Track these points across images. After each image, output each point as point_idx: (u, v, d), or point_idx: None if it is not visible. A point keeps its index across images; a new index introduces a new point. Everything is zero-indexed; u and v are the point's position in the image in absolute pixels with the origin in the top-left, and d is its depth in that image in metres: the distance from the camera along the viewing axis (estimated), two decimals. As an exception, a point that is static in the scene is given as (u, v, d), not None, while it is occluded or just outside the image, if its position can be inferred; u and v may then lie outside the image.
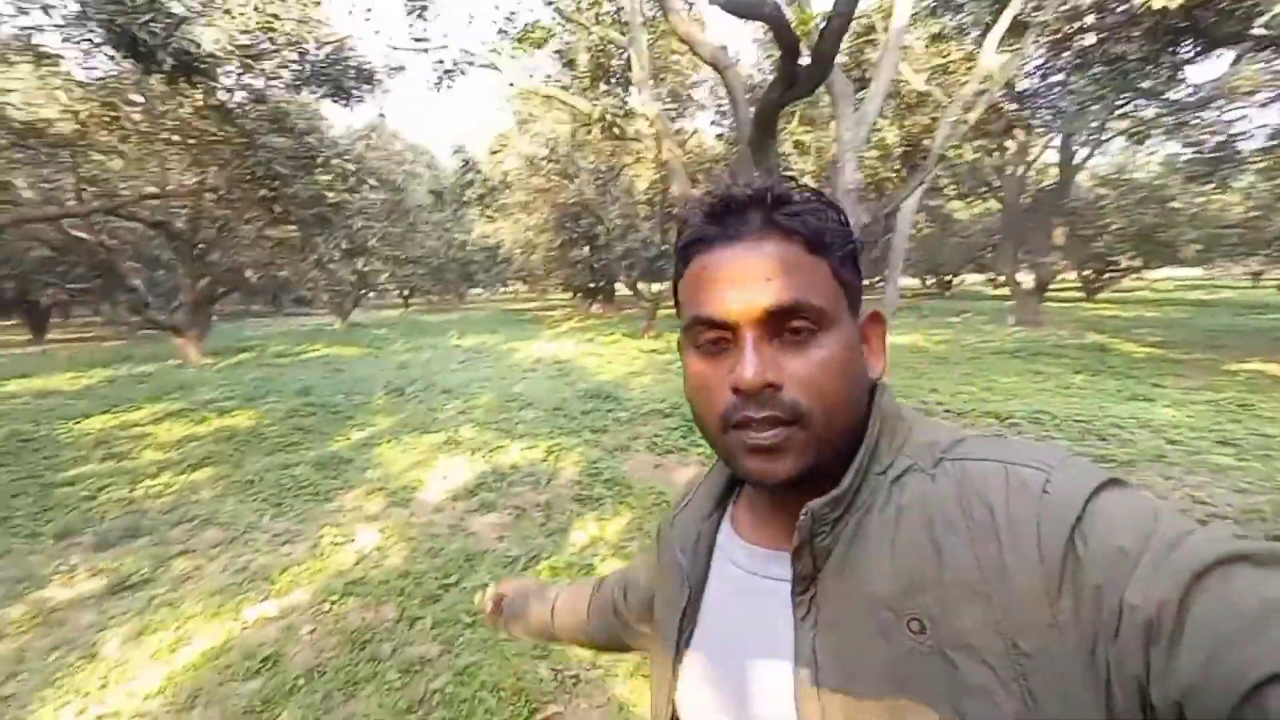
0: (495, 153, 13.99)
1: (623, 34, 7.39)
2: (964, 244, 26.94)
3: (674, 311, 0.62)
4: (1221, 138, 12.31)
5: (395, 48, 7.02)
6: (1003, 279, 18.88)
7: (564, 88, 8.82)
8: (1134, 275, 23.39)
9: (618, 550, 3.90)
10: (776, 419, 0.52)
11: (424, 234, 18.76)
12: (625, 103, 6.94)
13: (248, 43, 6.02)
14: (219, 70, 6.00)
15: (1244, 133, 12.30)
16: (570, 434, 6.31)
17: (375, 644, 3.06)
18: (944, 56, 9.36)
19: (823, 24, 3.71)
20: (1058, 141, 15.17)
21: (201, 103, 6.74)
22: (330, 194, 7.65)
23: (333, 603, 3.38)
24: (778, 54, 4.20)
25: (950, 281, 33.02)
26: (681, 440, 6.00)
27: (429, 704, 2.66)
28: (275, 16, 5.82)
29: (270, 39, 6.27)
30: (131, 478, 5.26)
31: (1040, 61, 11.89)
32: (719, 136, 13.49)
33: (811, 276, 0.53)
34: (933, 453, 0.54)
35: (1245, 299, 23.99)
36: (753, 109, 4.93)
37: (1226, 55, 10.51)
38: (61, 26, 8.52)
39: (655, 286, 14.65)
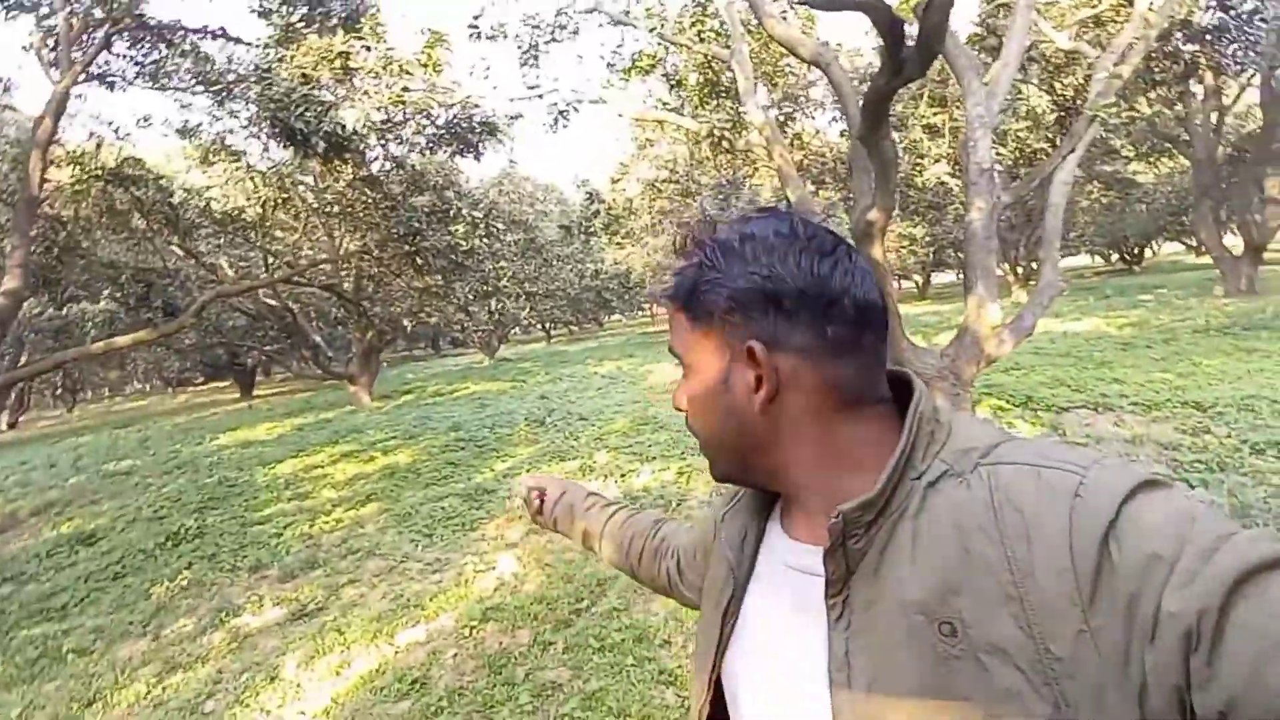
0: (616, 181, 14.42)
1: (727, 48, 7.31)
2: (1151, 210, 23.43)
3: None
4: None
5: (512, 99, 7.47)
6: (1204, 246, 16.28)
7: (675, 109, 8.90)
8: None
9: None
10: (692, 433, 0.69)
11: (557, 268, 19.78)
12: (736, 114, 6.86)
13: (384, 117, 6.72)
14: (363, 145, 6.77)
15: None
16: (702, 455, 6.22)
17: (511, 668, 3.14)
18: (1093, 6, 8.35)
19: (925, 0, 3.41)
20: (1259, 80, 12.89)
21: (352, 176, 7.60)
22: (463, 242, 8.28)
23: (473, 628, 3.53)
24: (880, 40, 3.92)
25: (1140, 254, 28.88)
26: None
27: (559, 730, 2.68)
28: (406, 89, 6.46)
29: (403, 111, 6.96)
30: (311, 515, 5.88)
31: (1221, -9, 10.22)
32: (842, 134, 13.01)
33: (675, 331, 0.66)
34: (970, 458, 0.55)
35: None
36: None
37: None
38: (246, 127, 10.03)
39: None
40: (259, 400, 18.92)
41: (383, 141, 7.52)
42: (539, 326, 30.64)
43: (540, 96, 7.50)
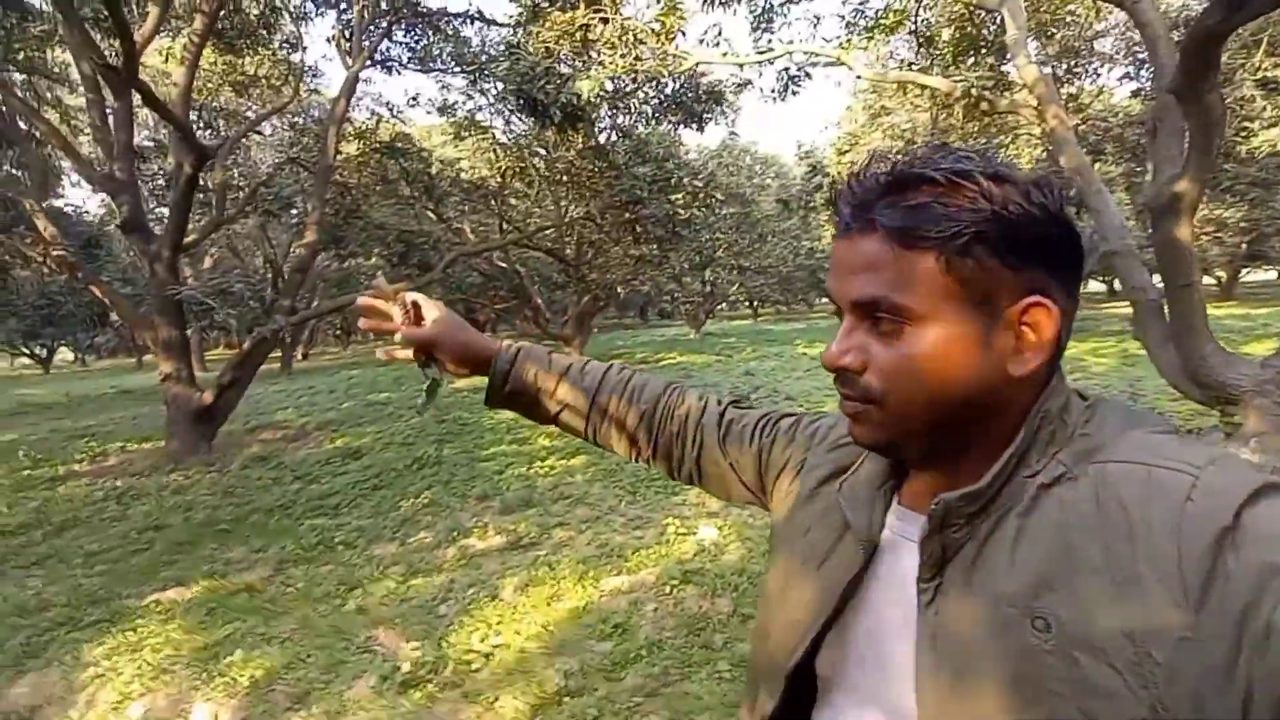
0: (844, 152, 13.54)
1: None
2: None
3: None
4: None
5: (741, 65, 7.30)
6: None
7: (922, 70, 8.11)
8: None
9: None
10: (853, 395, 0.58)
11: (771, 244, 19.36)
12: (997, 72, 6.04)
13: (615, 87, 6.96)
14: (594, 114, 7.08)
15: None
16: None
17: (709, 633, 3.11)
18: None
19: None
20: None
21: (582, 145, 8.04)
22: (681, 212, 8.37)
23: (673, 586, 3.55)
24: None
25: None
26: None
27: (759, 706, 2.58)
28: (639, 59, 6.61)
29: (633, 80, 7.14)
30: (528, 459, 6.39)
31: None
32: (1134, 94, 10.79)
33: (899, 273, 0.53)
34: (1088, 459, 0.53)
35: None
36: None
37: None
38: (492, 103, 11.03)
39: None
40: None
41: (612, 111, 7.83)
42: (746, 303, 30.37)
43: (770, 63, 7.23)
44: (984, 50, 7.56)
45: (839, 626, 0.65)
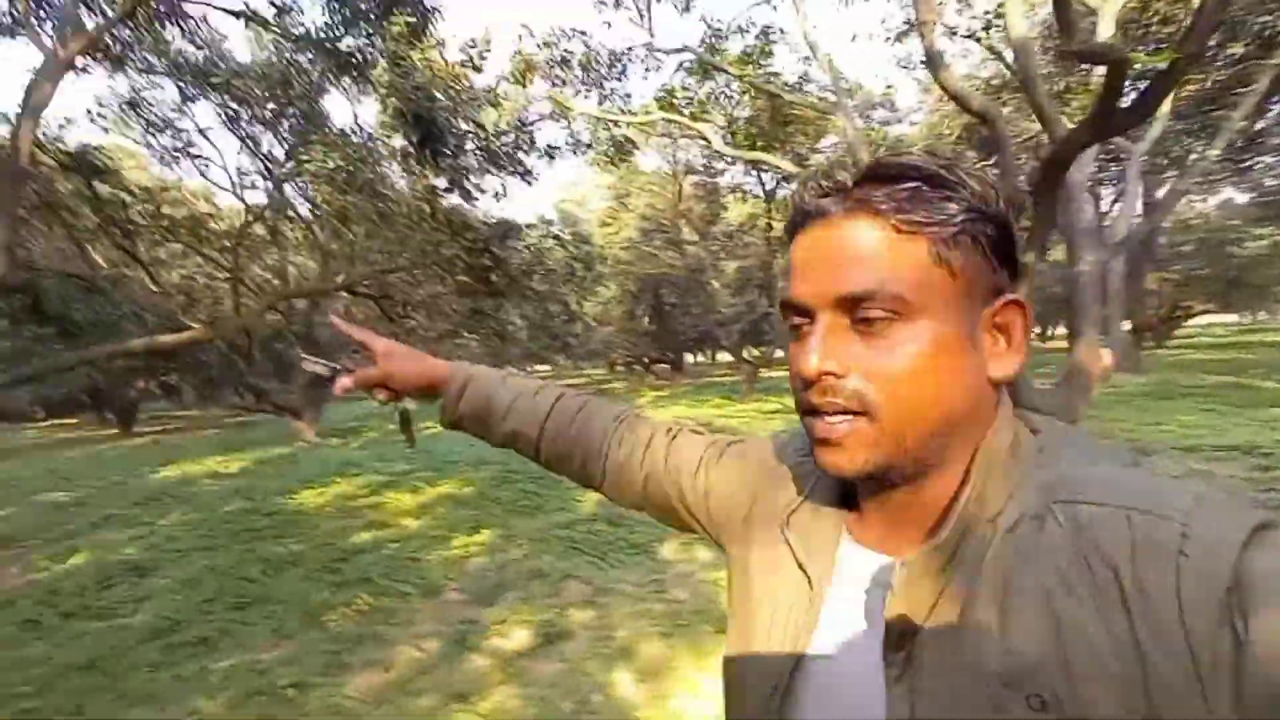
0: (606, 225, 14.22)
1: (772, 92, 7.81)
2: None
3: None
4: None
5: (625, 124, 7.35)
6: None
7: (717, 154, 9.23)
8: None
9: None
10: (841, 408, 0.50)
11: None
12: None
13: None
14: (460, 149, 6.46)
15: None
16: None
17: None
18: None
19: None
20: None
21: (439, 184, 7.22)
22: (541, 260, 7.82)
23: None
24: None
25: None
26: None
27: None
28: (530, 100, 6.25)
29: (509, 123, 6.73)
30: (424, 541, 5.25)
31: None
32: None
33: (895, 260, 0.49)
34: (1051, 495, 0.48)
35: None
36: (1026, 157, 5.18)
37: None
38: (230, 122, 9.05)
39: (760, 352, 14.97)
40: (145, 436, 16.25)
41: (455, 153, 7.13)
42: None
43: (622, 125, 7.57)
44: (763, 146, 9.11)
45: (801, 675, 0.57)
